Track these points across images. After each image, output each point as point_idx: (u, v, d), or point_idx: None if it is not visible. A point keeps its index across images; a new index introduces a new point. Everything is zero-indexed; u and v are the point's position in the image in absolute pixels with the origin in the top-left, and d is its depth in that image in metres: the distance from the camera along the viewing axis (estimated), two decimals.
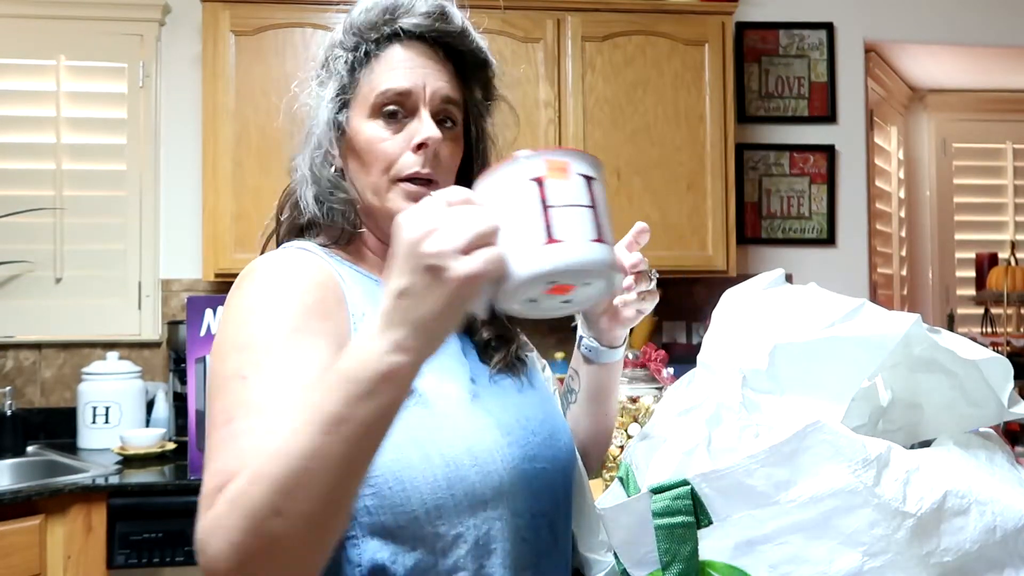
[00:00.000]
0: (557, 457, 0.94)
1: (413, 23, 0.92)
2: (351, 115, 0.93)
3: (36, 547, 2.17)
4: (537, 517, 0.90)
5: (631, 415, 1.62)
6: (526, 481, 0.88)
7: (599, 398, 1.08)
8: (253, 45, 2.68)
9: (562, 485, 0.95)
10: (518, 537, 0.87)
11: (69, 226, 2.91)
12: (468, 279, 0.61)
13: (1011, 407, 0.78)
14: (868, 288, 3.30)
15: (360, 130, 0.92)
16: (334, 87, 0.93)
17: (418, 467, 0.81)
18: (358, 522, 0.82)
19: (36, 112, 2.92)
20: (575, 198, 0.67)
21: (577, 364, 1.08)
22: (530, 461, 0.89)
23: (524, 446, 0.89)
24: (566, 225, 0.65)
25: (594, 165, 0.70)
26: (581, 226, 0.66)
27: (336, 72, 0.94)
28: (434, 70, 0.93)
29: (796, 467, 0.68)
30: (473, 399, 0.89)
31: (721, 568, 0.71)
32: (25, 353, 2.90)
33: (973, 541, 0.67)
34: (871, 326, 0.75)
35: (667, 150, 2.83)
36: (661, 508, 0.74)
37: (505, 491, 0.86)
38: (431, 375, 0.86)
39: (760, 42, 3.25)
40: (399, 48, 0.93)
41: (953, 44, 3.45)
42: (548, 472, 0.92)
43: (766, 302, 0.84)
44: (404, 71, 0.92)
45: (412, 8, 0.93)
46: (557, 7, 2.78)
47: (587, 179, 0.68)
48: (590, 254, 0.66)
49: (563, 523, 0.95)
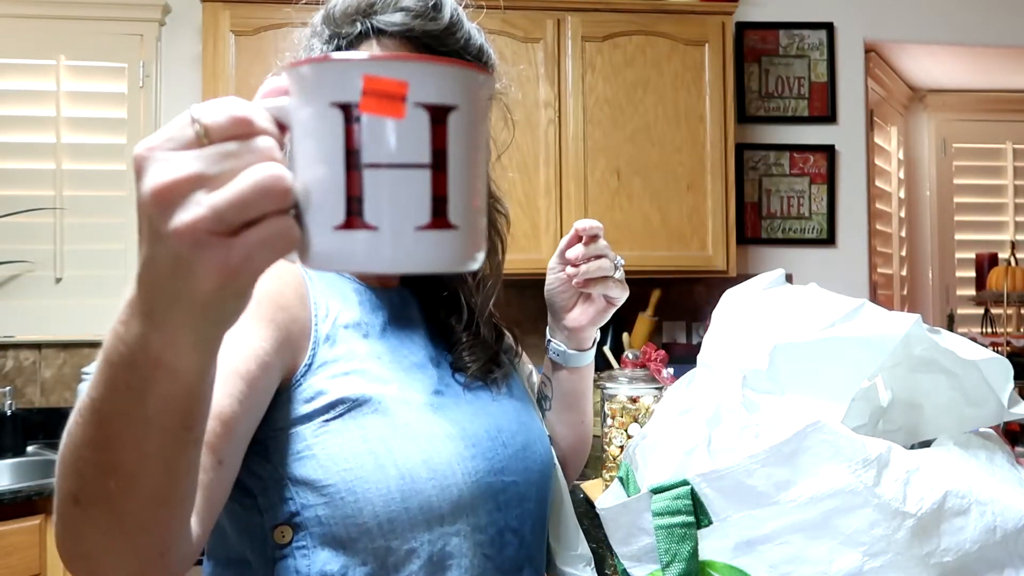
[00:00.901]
0: (530, 469, 0.90)
1: (390, 20, 0.85)
2: None
3: (36, 547, 2.17)
4: (504, 532, 0.86)
5: (631, 415, 1.62)
6: (491, 495, 0.85)
7: (573, 404, 1.04)
8: (253, 45, 2.68)
9: (535, 499, 0.92)
10: (479, 553, 0.84)
11: (69, 226, 2.91)
12: (229, 271, 0.42)
13: (1011, 407, 0.78)
14: (868, 288, 3.30)
15: None
16: None
17: (371, 478, 0.78)
18: (309, 531, 0.79)
19: (36, 112, 2.92)
20: (406, 152, 0.42)
21: (547, 370, 1.04)
22: (497, 474, 0.86)
23: (491, 459, 0.86)
24: (382, 199, 0.42)
25: (458, 81, 0.43)
26: (407, 204, 0.42)
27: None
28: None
29: (796, 467, 0.68)
30: (436, 410, 0.85)
31: (721, 568, 0.71)
32: (25, 353, 2.90)
33: (973, 541, 0.67)
34: (871, 326, 0.75)
35: (667, 150, 2.83)
36: (661, 508, 0.74)
37: (465, 505, 0.82)
38: (394, 382, 0.83)
39: (760, 42, 3.25)
40: (374, 47, 0.87)
41: (953, 44, 3.45)
42: (518, 485, 0.88)
43: (766, 302, 0.84)
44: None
45: (393, 2, 0.86)
46: (557, 7, 2.78)
47: (434, 112, 0.42)
48: (409, 255, 0.43)
49: (535, 538, 0.92)
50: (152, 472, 0.52)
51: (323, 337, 0.83)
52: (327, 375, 0.81)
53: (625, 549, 0.78)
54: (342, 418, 0.80)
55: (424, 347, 0.93)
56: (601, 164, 2.80)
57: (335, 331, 0.84)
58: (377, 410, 0.81)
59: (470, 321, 0.97)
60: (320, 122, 0.42)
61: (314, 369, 0.81)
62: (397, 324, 0.92)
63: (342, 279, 0.91)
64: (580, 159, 2.78)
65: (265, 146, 0.43)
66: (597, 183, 2.79)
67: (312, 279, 0.87)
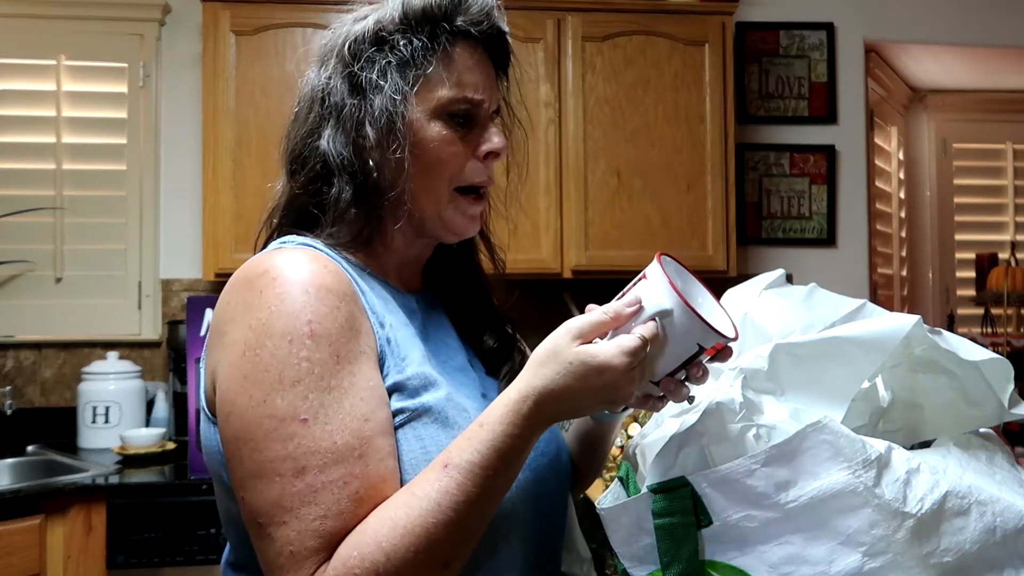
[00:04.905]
0: (560, 476, 0.91)
1: (477, 21, 0.87)
2: (412, 109, 0.84)
3: (36, 547, 2.17)
4: (543, 540, 0.87)
5: (631, 415, 1.62)
6: (533, 505, 0.84)
7: (590, 445, 1.00)
8: (253, 45, 2.68)
9: (563, 510, 0.92)
10: (524, 565, 0.84)
11: (69, 226, 2.91)
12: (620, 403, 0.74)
13: (1011, 408, 0.78)
14: (868, 288, 3.30)
15: (425, 130, 0.85)
16: (399, 75, 0.84)
17: None
18: None
19: (36, 112, 2.92)
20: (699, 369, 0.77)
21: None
22: (538, 484, 0.85)
23: (535, 469, 0.84)
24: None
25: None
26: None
27: (403, 58, 0.84)
28: (492, 77, 0.90)
29: (796, 467, 0.68)
30: None
31: (721, 568, 0.71)
32: (25, 353, 2.90)
33: (973, 541, 0.67)
34: (872, 327, 0.75)
35: (667, 150, 2.83)
36: (661, 508, 0.74)
37: (515, 518, 0.82)
38: (445, 387, 0.82)
39: (760, 42, 3.25)
40: (467, 48, 0.87)
41: (953, 44, 3.44)
42: (553, 495, 0.89)
43: (766, 302, 0.84)
44: (478, 77, 0.87)
45: (473, 4, 0.87)
46: (557, 7, 2.78)
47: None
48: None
49: (557, 548, 0.92)
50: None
51: (386, 340, 0.81)
52: (393, 377, 0.80)
53: (625, 549, 0.78)
54: (402, 429, 0.78)
55: (459, 350, 0.93)
56: (601, 164, 2.79)
57: (392, 334, 0.83)
58: (436, 419, 0.80)
59: (493, 323, 0.97)
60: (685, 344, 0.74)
61: (384, 374, 0.80)
62: (433, 328, 0.91)
63: (379, 282, 0.88)
64: (580, 159, 2.78)
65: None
66: (597, 183, 2.79)
67: (361, 287, 0.83)
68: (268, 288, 0.75)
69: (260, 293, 0.75)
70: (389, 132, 0.83)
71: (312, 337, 0.73)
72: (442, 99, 0.85)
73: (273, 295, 0.75)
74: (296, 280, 0.75)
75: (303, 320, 0.74)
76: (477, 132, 0.87)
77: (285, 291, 0.75)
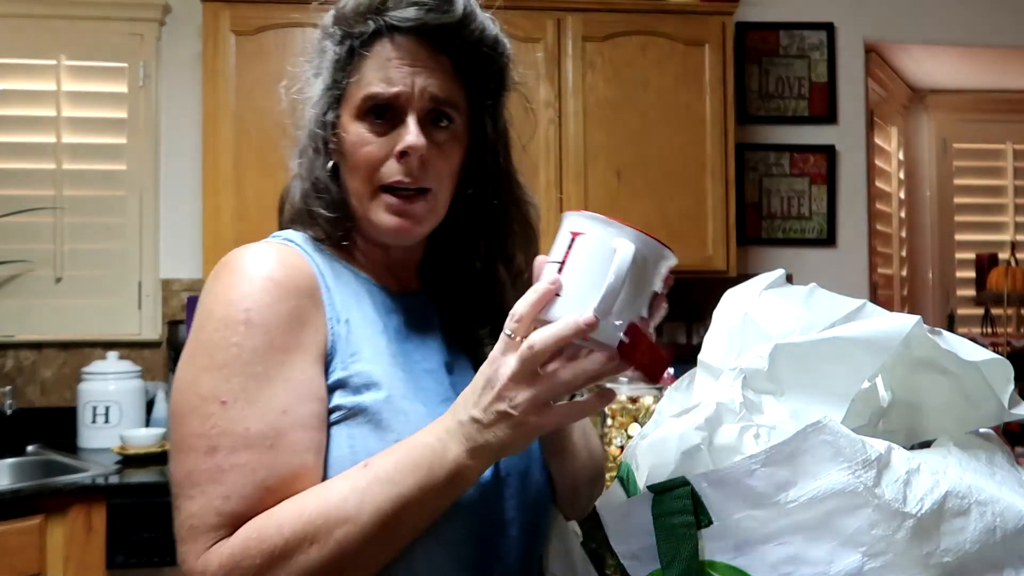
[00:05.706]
0: (524, 501, 0.88)
1: (403, 16, 0.84)
2: (341, 113, 0.86)
3: (36, 547, 2.17)
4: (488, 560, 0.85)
5: (631, 415, 1.62)
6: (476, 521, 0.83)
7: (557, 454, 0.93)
8: (253, 45, 2.68)
9: (524, 530, 0.89)
10: (458, 565, 0.82)
11: (69, 226, 2.91)
12: (542, 427, 0.71)
13: (1011, 408, 0.78)
14: (868, 288, 3.30)
15: (347, 131, 0.86)
16: (322, 84, 0.87)
17: None
18: None
19: (36, 112, 2.92)
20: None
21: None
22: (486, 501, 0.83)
23: (482, 486, 0.80)
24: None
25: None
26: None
27: (324, 67, 0.87)
28: (426, 67, 0.85)
29: (796, 467, 0.68)
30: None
31: (721, 568, 0.71)
32: (25, 353, 2.90)
33: (973, 542, 0.67)
34: (872, 327, 0.75)
35: (667, 150, 2.83)
36: (661, 508, 0.74)
37: (447, 536, 0.80)
38: (387, 392, 0.81)
39: (760, 42, 3.25)
40: (388, 45, 0.85)
41: (953, 44, 3.45)
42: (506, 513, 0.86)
43: (766, 302, 0.84)
44: (392, 72, 0.84)
45: None
46: (557, 7, 2.78)
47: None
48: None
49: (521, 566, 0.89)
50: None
51: (339, 336, 0.82)
52: (338, 373, 0.80)
53: (625, 549, 0.78)
54: (336, 427, 0.79)
55: (439, 352, 0.91)
56: (601, 164, 2.79)
57: (351, 329, 0.83)
58: (370, 421, 0.79)
59: (493, 328, 0.92)
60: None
61: (330, 370, 0.81)
62: (412, 329, 0.90)
63: (358, 279, 0.89)
64: (580, 159, 2.78)
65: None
66: (597, 183, 2.79)
67: (328, 280, 0.85)
68: (223, 277, 0.80)
69: (216, 281, 0.80)
70: (316, 138, 0.87)
71: (247, 324, 0.76)
72: (356, 99, 0.86)
73: (223, 284, 0.79)
74: (247, 271, 0.79)
75: (241, 308, 0.77)
76: (401, 129, 0.85)
77: (233, 281, 0.79)
